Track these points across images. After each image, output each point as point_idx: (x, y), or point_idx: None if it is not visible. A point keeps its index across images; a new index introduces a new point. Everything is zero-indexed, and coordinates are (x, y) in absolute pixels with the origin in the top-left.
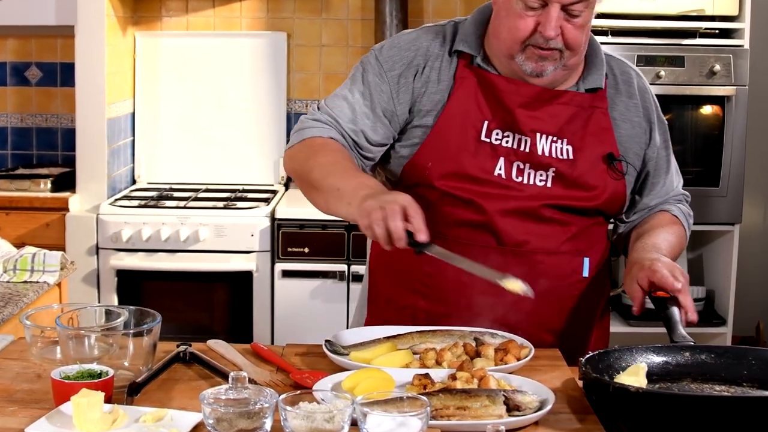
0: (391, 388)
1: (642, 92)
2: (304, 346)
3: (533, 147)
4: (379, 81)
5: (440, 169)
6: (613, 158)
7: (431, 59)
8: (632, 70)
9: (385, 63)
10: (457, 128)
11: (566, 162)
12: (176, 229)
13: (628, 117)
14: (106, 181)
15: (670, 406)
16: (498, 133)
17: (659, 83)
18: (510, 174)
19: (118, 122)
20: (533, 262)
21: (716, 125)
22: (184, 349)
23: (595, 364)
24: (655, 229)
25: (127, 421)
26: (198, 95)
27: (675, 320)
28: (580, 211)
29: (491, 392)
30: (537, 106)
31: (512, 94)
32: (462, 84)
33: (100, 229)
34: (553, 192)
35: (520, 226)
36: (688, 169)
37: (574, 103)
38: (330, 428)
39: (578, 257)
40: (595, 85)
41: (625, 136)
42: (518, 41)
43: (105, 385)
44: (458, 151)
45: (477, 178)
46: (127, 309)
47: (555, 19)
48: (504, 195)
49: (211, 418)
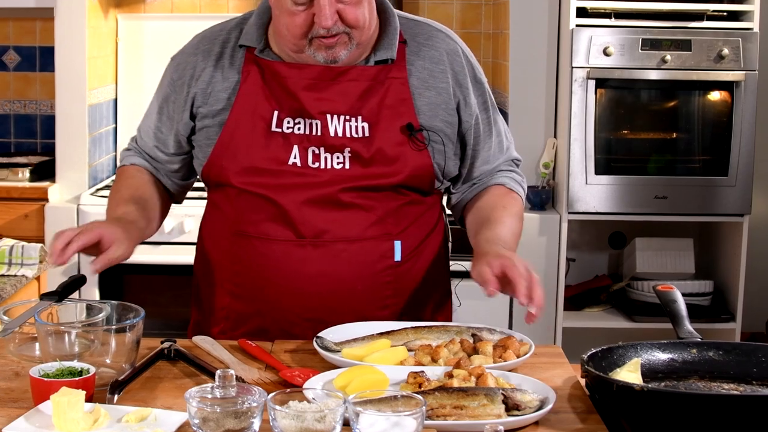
0: (385, 387)
1: (451, 55)
2: (294, 343)
3: (325, 129)
4: (169, 91)
5: (234, 166)
6: (412, 128)
7: (214, 59)
8: (441, 32)
9: (174, 72)
10: (246, 123)
11: (362, 140)
12: None
13: (433, 84)
14: (87, 170)
15: (677, 406)
16: (289, 121)
17: (664, 68)
18: (306, 161)
19: (100, 109)
20: (335, 251)
21: (724, 112)
22: (169, 345)
23: (598, 362)
24: (494, 214)
25: (109, 421)
26: None
27: (681, 315)
28: (383, 189)
29: (489, 391)
30: (323, 87)
31: (295, 78)
32: (247, 78)
33: (80, 220)
34: (351, 173)
35: (319, 215)
36: (695, 157)
37: (365, 78)
38: (321, 428)
39: (387, 241)
40: (386, 57)
41: (428, 104)
42: (299, 37)
43: (86, 383)
44: (249, 145)
45: (271, 170)
46: (109, 304)
47: (327, 7)
48: (300, 184)
49: (196, 417)
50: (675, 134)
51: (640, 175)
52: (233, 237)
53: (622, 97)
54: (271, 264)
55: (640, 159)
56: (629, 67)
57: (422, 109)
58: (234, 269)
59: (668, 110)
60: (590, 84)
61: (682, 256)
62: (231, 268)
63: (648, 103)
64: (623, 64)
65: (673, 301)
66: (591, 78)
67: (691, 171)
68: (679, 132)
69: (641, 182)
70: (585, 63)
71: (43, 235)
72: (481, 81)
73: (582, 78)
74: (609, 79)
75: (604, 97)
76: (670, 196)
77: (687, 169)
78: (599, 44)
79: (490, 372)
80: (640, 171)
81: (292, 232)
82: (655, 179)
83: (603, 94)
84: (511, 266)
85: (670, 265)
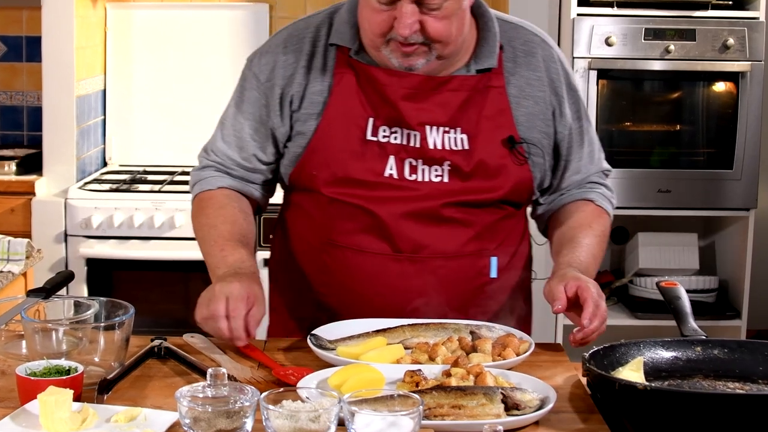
0: (381, 386)
1: (548, 62)
2: (288, 340)
3: (423, 141)
4: (258, 95)
5: (326, 175)
6: (513, 141)
7: (306, 59)
8: (537, 37)
9: (260, 74)
10: (340, 130)
11: (461, 153)
12: (150, 215)
13: (530, 93)
14: (75, 163)
15: (681, 406)
16: (385, 129)
17: (668, 58)
18: (402, 173)
19: (88, 100)
20: (432, 267)
21: (730, 103)
22: (159, 343)
23: (600, 360)
24: (579, 234)
25: (98, 421)
26: (174, 71)
27: (685, 312)
28: (484, 204)
29: (488, 390)
30: (423, 97)
31: (394, 87)
32: (341, 81)
33: (68, 215)
34: (450, 186)
35: (418, 229)
36: (700, 150)
37: (466, 88)
38: (315, 428)
39: (484, 258)
40: (487, 65)
41: (526, 114)
42: (377, 35)
43: (74, 382)
44: (343, 155)
45: (366, 182)
46: (98, 300)
47: (407, 16)
48: (398, 196)
49: (187, 417)
50: (679, 126)
51: (642, 169)
52: (322, 245)
53: (625, 88)
54: (363, 277)
55: (642, 152)
56: (632, 57)
57: (520, 120)
58: (322, 279)
59: (672, 102)
60: (592, 75)
61: (686, 252)
62: (318, 277)
63: (651, 95)
64: (626, 54)
65: (677, 297)
66: (593, 68)
67: (696, 164)
68: (683, 124)
69: (644, 176)
70: (586, 53)
71: (30, 229)
72: (575, 89)
73: (583, 68)
74: (611, 70)
75: (606, 88)
76: (674, 189)
77: (691, 162)
78: (601, 34)
79: (488, 371)
80: (642, 164)
81: (389, 246)
82: (659, 173)
83: (605, 85)
84: (585, 288)
85: (673, 261)
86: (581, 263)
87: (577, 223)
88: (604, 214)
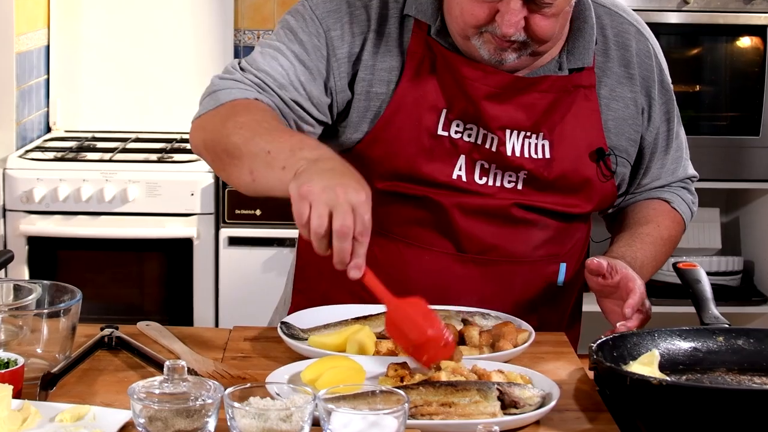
0: (362, 381)
1: (642, 57)
2: (255, 329)
3: (501, 146)
4: (317, 43)
5: (385, 169)
6: (602, 154)
7: (376, 24)
8: (632, 26)
9: (323, 20)
10: (408, 117)
11: (542, 162)
12: (100, 188)
13: (621, 93)
14: (14, 128)
15: (700, 402)
16: (458, 124)
17: (686, 10)
18: (472, 176)
19: (29, 57)
20: (499, 272)
21: (756, 61)
22: (110, 332)
23: (609, 352)
24: (644, 231)
25: (41, 421)
26: (127, 26)
27: (706, 297)
28: (559, 215)
29: (483, 385)
30: (508, 97)
31: (479, 83)
32: (415, 61)
33: (7, 188)
34: (523, 195)
35: (487, 229)
36: (722, 114)
37: (556, 89)
38: (286, 428)
39: (553, 264)
40: (582, 64)
41: (615, 119)
42: (471, 26)
43: (13, 376)
44: (410, 148)
45: (431, 182)
46: (41, 284)
47: (514, 13)
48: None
49: (142, 416)
50: (699, 87)
51: None
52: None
53: None
54: (419, 275)
55: None
56: (645, 8)
57: (609, 126)
58: None
59: (691, 59)
60: None
61: (706, 229)
62: None
63: (667, 51)
64: (639, 5)
65: (697, 280)
66: None
67: (718, 129)
68: (703, 84)
69: None
70: None
71: None
72: (668, 87)
73: None
74: None
75: None
76: (693, 158)
77: (712, 128)
78: None
79: (488, 369)
80: None
81: (452, 244)
82: None
83: None
84: (632, 278)
85: (692, 240)
86: (635, 259)
87: (644, 219)
88: (678, 218)
